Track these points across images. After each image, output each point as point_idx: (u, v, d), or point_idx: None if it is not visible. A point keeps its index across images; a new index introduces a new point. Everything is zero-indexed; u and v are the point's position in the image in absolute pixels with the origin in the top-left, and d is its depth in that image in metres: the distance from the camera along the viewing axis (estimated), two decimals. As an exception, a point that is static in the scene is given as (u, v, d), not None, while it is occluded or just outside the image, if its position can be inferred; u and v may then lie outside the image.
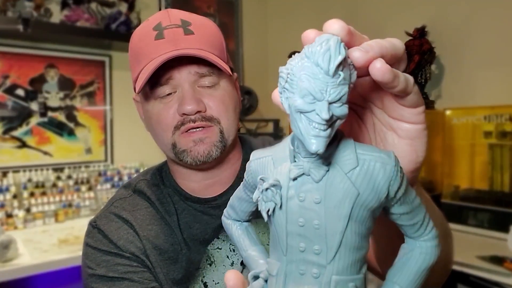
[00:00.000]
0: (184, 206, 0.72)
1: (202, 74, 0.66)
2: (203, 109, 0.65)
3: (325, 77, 0.25)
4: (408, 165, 0.35)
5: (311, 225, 0.28)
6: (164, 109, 0.66)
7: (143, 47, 0.66)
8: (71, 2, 2.17)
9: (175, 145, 0.67)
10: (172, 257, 0.69)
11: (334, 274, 0.28)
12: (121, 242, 0.69)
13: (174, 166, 0.74)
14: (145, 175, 0.79)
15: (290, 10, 3.06)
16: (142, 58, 0.66)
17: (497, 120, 1.80)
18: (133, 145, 2.49)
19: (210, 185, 0.73)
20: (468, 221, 1.80)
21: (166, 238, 0.70)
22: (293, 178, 0.28)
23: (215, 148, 0.66)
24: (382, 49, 0.29)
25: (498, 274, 1.36)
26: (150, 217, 0.72)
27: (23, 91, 2.13)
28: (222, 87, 0.68)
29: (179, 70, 0.65)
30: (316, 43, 0.26)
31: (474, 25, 2.05)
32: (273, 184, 0.29)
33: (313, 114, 0.25)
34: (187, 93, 0.64)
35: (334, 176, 0.28)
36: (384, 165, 0.27)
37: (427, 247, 0.30)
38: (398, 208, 0.29)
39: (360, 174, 0.27)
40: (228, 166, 0.74)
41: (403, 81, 0.30)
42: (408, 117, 0.34)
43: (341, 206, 0.27)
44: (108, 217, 0.73)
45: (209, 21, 0.71)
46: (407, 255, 0.31)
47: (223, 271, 0.69)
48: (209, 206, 0.72)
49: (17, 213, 1.90)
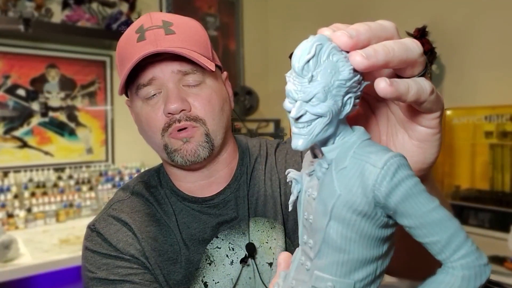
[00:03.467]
0: (182, 207, 0.73)
1: (185, 72, 0.65)
2: (187, 108, 0.65)
3: (297, 77, 0.26)
4: (414, 165, 0.33)
5: (310, 220, 0.29)
6: (151, 111, 0.66)
7: (126, 50, 0.66)
8: (72, 2, 2.17)
9: (167, 146, 0.67)
10: (171, 258, 0.69)
11: (316, 269, 0.28)
12: (121, 245, 0.69)
13: (169, 167, 0.74)
14: (142, 177, 0.79)
15: (291, 10, 3.06)
16: (126, 62, 0.65)
17: (498, 120, 1.80)
18: (134, 145, 2.49)
19: (206, 186, 0.73)
20: (469, 221, 1.80)
21: (165, 239, 0.70)
22: (308, 174, 0.30)
23: (201, 148, 0.66)
24: (388, 54, 0.27)
25: (498, 274, 1.36)
26: (149, 218, 0.72)
27: (24, 91, 2.14)
28: (208, 86, 0.67)
29: (162, 69, 0.64)
30: None
31: (475, 25, 2.05)
32: (294, 178, 0.31)
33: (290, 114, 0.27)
34: (171, 92, 0.64)
35: (328, 174, 0.28)
36: (371, 168, 0.26)
37: (451, 274, 0.25)
38: (401, 220, 0.26)
39: (346, 175, 0.27)
40: (223, 166, 0.74)
41: (414, 93, 0.29)
42: (422, 120, 0.33)
43: (326, 203, 0.27)
44: (107, 220, 0.73)
45: (192, 20, 0.71)
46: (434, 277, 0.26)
47: (223, 270, 0.69)
48: (207, 205, 0.72)
49: (18, 213, 1.90)
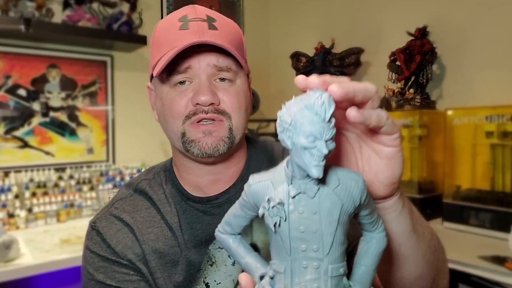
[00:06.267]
0: (186, 207, 0.72)
1: (221, 68, 0.66)
2: (216, 102, 0.66)
3: (322, 122, 0.34)
4: (386, 180, 0.45)
5: (310, 230, 0.37)
6: (178, 97, 0.66)
7: (166, 35, 0.67)
8: (73, 2, 2.17)
9: (184, 134, 0.67)
10: (172, 260, 0.69)
11: (330, 264, 0.37)
12: (119, 248, 0.70)
13: (180, 158, 0.74)
14: (147, 174, 0.79)
15: (292, 10, 3.06)
16: (164, 46, 0.66)
17: (499, 120, 1.80)
18: (135, 145, 2.49)
19: (213, 182, 0.73)
20: (470, 221, 1.79)
21: (166, 241, 0.70)
22: (292, 196, 0.37)
23: (222, 143, 0.66)
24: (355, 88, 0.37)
25: (499, 274, 1.36)
26: (150, 219, 0.72)
27: (25, 91, 2.14)
28: (237, 85, 0.69)
29: (199, 60, 0.65)
30: (312, 97, 0.35)
31: (476, 25, 2.05)
32: (278, 203, 0.37)
33: (315, 150, 0.34)
34: (203, 84, 0.65)
35: (324, 192, 0.37)
36: (357, 182, 0.38)
37: (379, 237, 0.42)
38: (364, 211, 0.40)
39: (342, 190, 0.37)
40: (233, 164, 0.74)
41: (375, 119, 0.39)
42: (386, 142, 0.43)
43: (332, 214, 0.37)
44: (108, 219, 0.73)
45: (232, 22, 0.72)
46: (367, 245, 0.42)
47: (225, 271, 0.69)
48: (211, 205, 0.72)
49: (19, 213, 1.90)
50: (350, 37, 2.62)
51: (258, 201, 0.39)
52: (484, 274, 1.40)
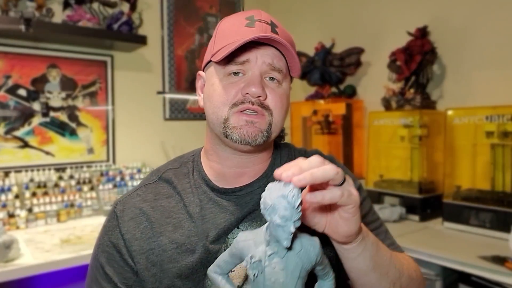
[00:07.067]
0: (210, 197, 0.76)
1: (274, 68, 0.71)
2: (264, 96, 0.70)
3: (292, 209, 0.49)
4: (344, 233, 0.59)
5: (279, 282, 0.51)
6: (230, 86, 0.71)
7: (232, 29, 0.73)
8: (73, 2, 2.18)
9: (227, 120, 0.71)
10: (189, 249, 0.71)
11: None
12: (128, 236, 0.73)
13: (215, 145, 0.77)
14: (173, 163, 0.83)
15: (292, 10, 3.06)
16: (229, 37, 0.71)
17: (499, 120, 1.80)
18: (135, 145, 2.50)
19: (239, 175, 0.77)
20: (470, 221, 1.80)
21: (184, 231, 0.73)
22: (268, 255, 0.52)
23: (261, 135, 0.70)
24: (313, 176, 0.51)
25: (499, 274, 1.36)
26: (170, 208, 0.75)
27: (25, 91, 2.14)
28: (283, 88, 0.74)
29: (257, 57, 0.70)
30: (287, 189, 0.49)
31: (476, 25, 2.05)
32: (259, 260, 0.52)
33: (286, 227, 0.49)
34: (256, 78, 0.70)
35: (291, 255, 0.52)
36: (315, 248, 0.54)
37: (329, 284, 0.60)
38: (319, 267, 0.57)
39: (303, 253, 0.53)
40: (261, 161, 0.78)
41: (328, 199, 0.53)
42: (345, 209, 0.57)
43: (295, 271, 0.52)
44: (127, 204, 0.77)
45: (289, 33, 0.78)
46: None
47: None
48: (235, 196, 0.75)
49: (19, 213, 1.90)
50: (350, 37, 2.62)
51: (243, 254, 0.54)
52: (484, 274, 1.40)
